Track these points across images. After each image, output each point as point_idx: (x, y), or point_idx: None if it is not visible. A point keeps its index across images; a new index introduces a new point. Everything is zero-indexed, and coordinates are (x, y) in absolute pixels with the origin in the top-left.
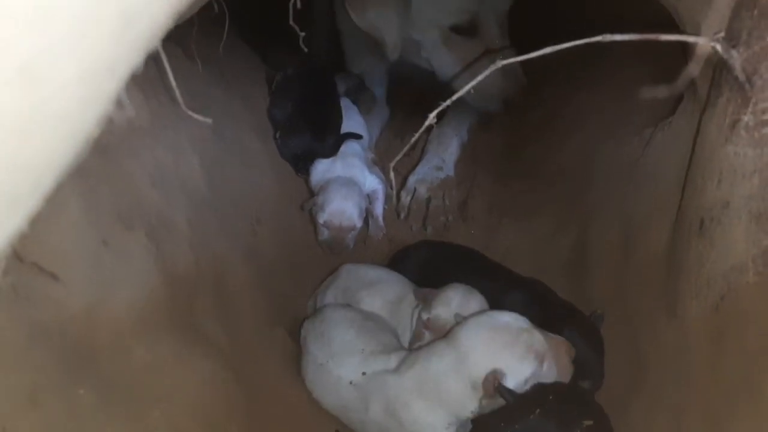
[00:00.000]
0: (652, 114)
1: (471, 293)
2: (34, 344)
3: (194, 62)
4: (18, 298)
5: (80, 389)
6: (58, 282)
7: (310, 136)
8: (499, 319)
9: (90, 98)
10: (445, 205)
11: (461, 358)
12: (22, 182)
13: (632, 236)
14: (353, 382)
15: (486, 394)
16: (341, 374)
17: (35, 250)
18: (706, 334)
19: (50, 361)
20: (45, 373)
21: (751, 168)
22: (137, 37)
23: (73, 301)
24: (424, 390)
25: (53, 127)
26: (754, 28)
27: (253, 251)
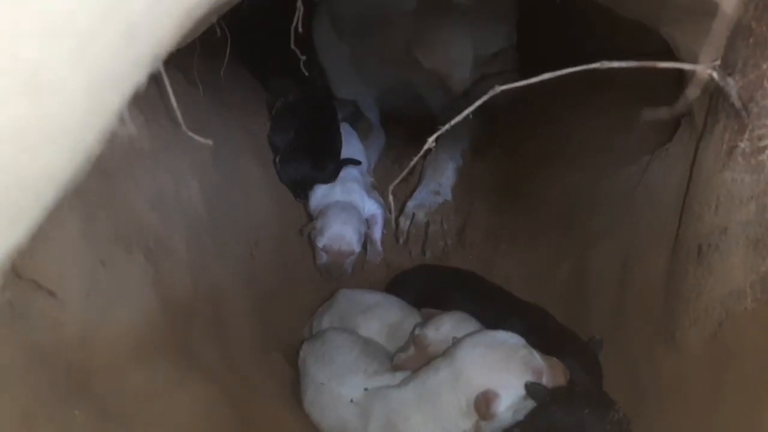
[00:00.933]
0: (648, 143)
1: (465, 320)
2: (30, 365)
3: (196, 88)
4: (14, 316)
5: (75, 411)
6: (55, 300)
7: (310, 161)
8: (496, 337)
9: (94, 112)
10: (444, 230)
11: (456, 375)
12: (25, 196)
13: (630, 264)
14: (354, 400)
15: (479, 414)
16: (342, 393)
17: (33, 267)
18: (704, 362)
19: (45, 383)
20: (40, 395)
21: (748, 194)
22: (141, 53)
23: (69, 322)
24: (422, 403)
25: (57, 140)
26: (750, 56)
27: (250, 276)
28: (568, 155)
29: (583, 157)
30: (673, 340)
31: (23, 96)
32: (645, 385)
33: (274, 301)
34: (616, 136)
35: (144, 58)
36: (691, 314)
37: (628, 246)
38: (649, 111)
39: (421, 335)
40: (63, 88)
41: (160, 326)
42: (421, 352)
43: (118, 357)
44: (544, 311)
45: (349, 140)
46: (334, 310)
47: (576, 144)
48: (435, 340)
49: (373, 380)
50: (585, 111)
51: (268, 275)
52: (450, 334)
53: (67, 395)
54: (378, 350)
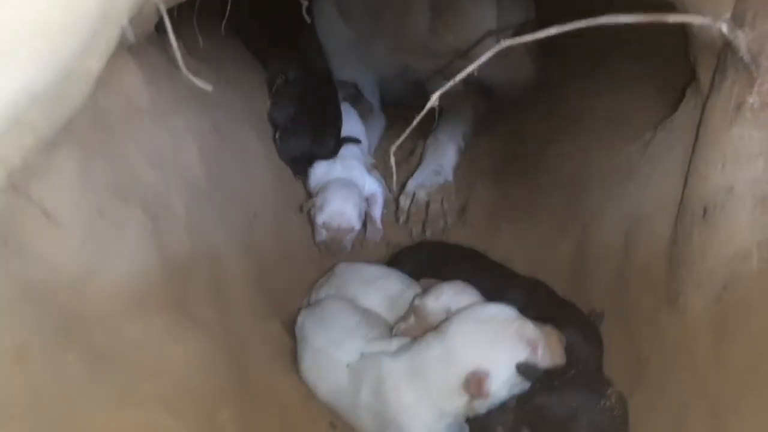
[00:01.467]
0: (653, 120)
1: (465, 290)
2: (24, 302)
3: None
4: (9, 251)
5: (69, 356)
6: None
7: (311, 137)
8: (486, 311)
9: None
10: (444, 210)
11: (447, 353)
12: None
13: (633, 235)
14: (350, 365)
15: (471, 395)
16: (340, 357)
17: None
18: (708, 326)
19: (39, 323)
20: (34, 334)
21: (756, 150)
22: None
23: (65, 266)
24: (414, 379)
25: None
26: (760, 9)
27: (249, 246)
28: (569, 134)
29: (585, 135)
30: (676, 306)
31: None
32: (648, 353)
33: (273, 273)
34: (618, 114)
35: None
36: (695, 278)
37: (632, 216)
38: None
39: (421, 305)
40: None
41: (157, 280)
42: (421, 321)
43: (113, 306)
44: (544, 285)
45: (349, 119)
46: (333, 283)
47: (578, 122)
48: (435, 309)
49: (370, 345)
50: (588, 90)
51: (267, 247)
52: (450, 302)
53: (61, 339)
54: (378, 320)
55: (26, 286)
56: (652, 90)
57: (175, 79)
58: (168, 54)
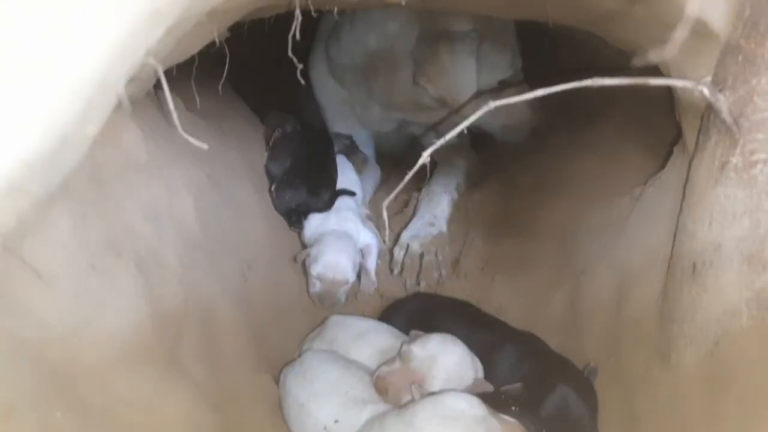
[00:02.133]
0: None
1: (452, 342)
2: (15, 360)
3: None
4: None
5: (57, 412)
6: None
7: (306, 189)
8: (455, 406)
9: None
10: (438, 261)
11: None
12: None
13: (625, 289)
14: (327, 428)
15: None
16: (319, 416)
17: (22, 249)
18: (701, 382)
19: (29, 380)
20: (23, 391)
21: (741, 209)
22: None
23: (57, 322)
24: None
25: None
26: (740, 73)
27: (242, 297)
28: (561, 188)
29: (576, 190)
30: (668, 362)
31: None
32: (641, 409)
33: (266, 325)
34: (609, 170)
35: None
36: (686, 334)
37: (623, 270)
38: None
39: (407, 350)
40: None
41: (148, 335)
42: (405, 366)
43: (103, 361)
44: (537, 339)
45: (344, 171)
46: (325, 335)
47: (570, 177)
48: (420, 355)
49: (345, 409)
50: (579, 146)
51: (261, 299)
52: (435, 351)
53: (50, 395)
54: (362, 375)
55: (17, 343)
56: (641, 147)
57: (172, 133)
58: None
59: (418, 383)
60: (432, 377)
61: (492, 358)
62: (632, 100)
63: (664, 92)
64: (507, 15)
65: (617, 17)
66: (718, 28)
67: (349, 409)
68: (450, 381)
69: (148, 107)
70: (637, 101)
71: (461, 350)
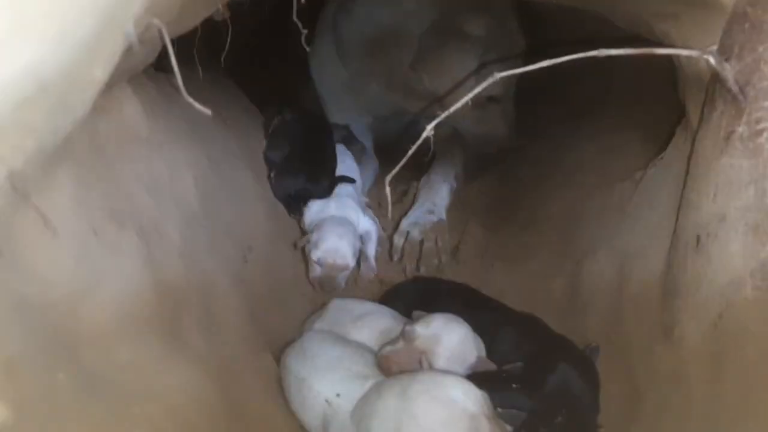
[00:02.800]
0: (642, 161)
1: (455, 321)
2: (16, 317)
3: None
4: (4, 263)
5: (59, 374)
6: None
7: (305, 176)
8: (451, 392)
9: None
10: (438, 248)
11: (398, 425)
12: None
13: (626, 268)
14: (328, 400)
15: None
16: (320, 390)
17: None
18: (704, 356)
19: (30, 338)
20: (24, 348)
21: (747, 179)
22: None
23: (59, 283)
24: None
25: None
26: (746, 41)
27: (243, 278)
28: (561, 176)
29: (576, 177)
30: (671, 337)
31: None
32: (643, 385)
33: (265, 306)
34: (608, 157)
35: None
36: (690, 308)
37: (625, 251)
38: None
39: (411, 330)
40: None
41: (149, 305)
42: (409, 345)
43: (106, 327)
44: (538, 320)
45: (344, 160)
46: (326, 318)
47: (569, 166)
48: (424, 335)
49: (347, 383)
50: (578, 135)
51: (260, 281)
52: (439, 330)
53: (52, 356)
54: (363, 353)
55: (19, 298)
56: (641, 134)
57: (173, 114)
58: (166, 92)
59: (422, 362)
60: (435, 355)
61: (493, 339)
62: (631, 87)
63: (663, 77)
64: None
65: None
66: None
67: (352, 382)
68: (453, 359)
69: (150, 86)
70: (636, 89)
71: (464, 329)
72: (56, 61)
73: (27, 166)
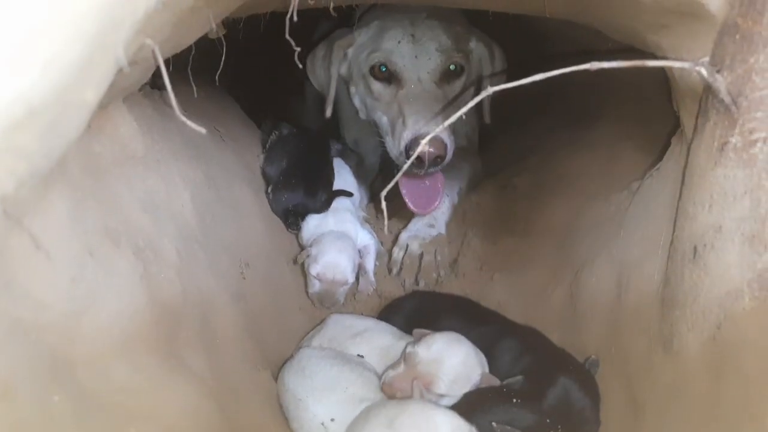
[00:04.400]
0: (638, 171)
1: (457, 341)
2: (11, 339)
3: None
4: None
5: (55, 396)
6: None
7: (303, 190)
8: (438, 427)
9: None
10: (437, 261)
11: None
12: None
13: (624, 280)
14: (324, 424)
15: None
16: (317, 412)
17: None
18: (704, 367)
19: (26, 361)
20: (20, 371)
21: (742, 189)
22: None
23: (54, 304)
24: None
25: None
26: (737, 52)
27: (241, 294)
28: (559, 187)
29: (574, 188)
30: (670, 349)
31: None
32: (644, 397)
33: (264, 323)
34: (606, 168)
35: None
36: (688, 319)
37: (622, 261)
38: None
39: (413, 353)
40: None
41: (146, 324)
42: (410, 369)
43: (102, 348)
44: (538, 333)
45: (341, 174)
46: (324, 334)
47: (567, 176)
48: (426, 358)
49: (342, 407)
50: (575, 146)
51: (258, 297)
52: (441, 353)
53: (48, 378)
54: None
55: (13, 322)
56: (638, 144)
57: (169, 131)
58: (162, 110)
59: (426, 385)
60: (439, 379)
61: (492, 352)
62: (627, 99)
63: (659, 88)
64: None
65: (614, 3)
66: (714, 9)
67: (347, 406)
68: (458, 381)
69: (146, 104)
70: (632, 101)
71: (466, 348)
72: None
73: (20, 189)
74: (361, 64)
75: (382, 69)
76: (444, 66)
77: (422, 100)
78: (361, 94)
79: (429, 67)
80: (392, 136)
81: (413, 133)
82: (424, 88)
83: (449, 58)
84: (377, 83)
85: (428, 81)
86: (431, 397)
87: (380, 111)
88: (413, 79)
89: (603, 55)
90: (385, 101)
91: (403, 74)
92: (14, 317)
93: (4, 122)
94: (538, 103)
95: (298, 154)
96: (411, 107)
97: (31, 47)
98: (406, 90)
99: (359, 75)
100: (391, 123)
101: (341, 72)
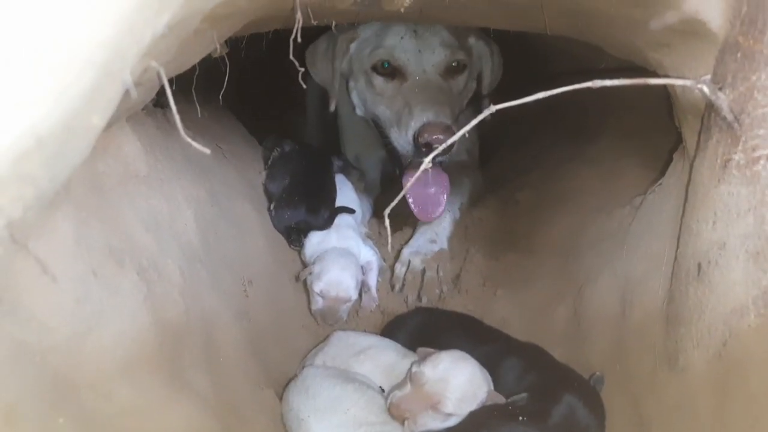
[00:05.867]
0: (640, 187)
1: (462, 360)
2: (16, 363)
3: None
4: (2, 310)
5: (59, 418)
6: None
7: (305, 207)
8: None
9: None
10: (440, 277)
11: None
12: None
13: (628, 296)
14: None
15: None
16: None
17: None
18: (709, 384)
19: (30, 384)
20: (24, 394)
21: (746, 206)
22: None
23: (58, 327)
24: None
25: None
26: (739, 70)
27: (244, 312)
28: (562, 203)
29: (576, 204)
30: (676, 366)
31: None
32: (649, 415)
33: (267, 341)
34: (608, 184)
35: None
36: (693, 336)
37: (626, 278)
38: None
39: (419, 372)
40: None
41: (150, 344)
42: (417, 390)
43: (106, 369)
44: (542, 350)
45: (343, 190)
46: (327, 352)
47: (570, 192)
48: (432, 378)
49: (342, 431)
50: (578, 162)
51: (262, 315)
52: (447, 372)
53: (52, 401)
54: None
55: (18, 345)
56: (640, 160)
57: (172, 150)
58: (165, 128)
59: (434, 406)
60: (446, 398)
61: (496, 370)
62: (630, 114)
63: (661, 105)
64: (504, 26)
65: (616, 22)
66: (715, 27)
67: (345, 430)
68: (465, 399)
69: (149, 123)
70: (634, 116)
71: (472, 366)
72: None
73: (26, 213)
74: (364, 60)
75: (384, 65)
76: (448, 60)
77: (428, 91)
78: (361, 90)
79: (433, 60)
80: (398, 127)
81: (422, 121)
82: (429, 80)
83: (453, 53)
84: (379, 78)
85: (433, 73)
86: (438, 416)
87: (383, 105)
88: (418, 71)
89: (604, 73)
90: (388, 96)
91: (407, 68)
92: (19, 340)
93: (13, 153)
94: (540, 119)
95: (300, 171)
96: (417, 97)
97: (42, 80)
98: (410, 82)
99: (360, 70)
100: (396, 115)
101: (341, 66)
